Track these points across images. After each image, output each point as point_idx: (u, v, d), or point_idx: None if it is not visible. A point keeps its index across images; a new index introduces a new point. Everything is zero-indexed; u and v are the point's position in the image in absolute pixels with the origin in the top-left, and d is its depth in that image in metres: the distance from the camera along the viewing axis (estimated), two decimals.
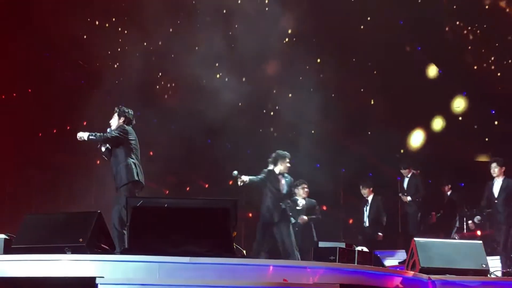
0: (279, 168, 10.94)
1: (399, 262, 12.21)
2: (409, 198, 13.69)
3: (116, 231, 8.75)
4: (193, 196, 14.49)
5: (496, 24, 15.10)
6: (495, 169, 12.10)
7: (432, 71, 15.95)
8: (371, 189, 13.57)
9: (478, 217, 12.90)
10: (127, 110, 9.60)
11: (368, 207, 13.46)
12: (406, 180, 13.92)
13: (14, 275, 6.30)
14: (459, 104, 13.39)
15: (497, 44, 15.27)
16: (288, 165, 10.97)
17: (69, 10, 15.55)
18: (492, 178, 12.20)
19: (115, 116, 9.56)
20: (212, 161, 15.49)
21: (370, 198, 13.54)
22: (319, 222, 12.74)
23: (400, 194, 13.88)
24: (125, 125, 9.41)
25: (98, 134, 9.31)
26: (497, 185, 12.14)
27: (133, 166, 9.16)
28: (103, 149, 9.47)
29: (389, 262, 12.56)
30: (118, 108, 9.65)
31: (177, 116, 14.94)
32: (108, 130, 9.42)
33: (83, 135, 9.30)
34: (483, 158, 15.37)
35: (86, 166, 15.17)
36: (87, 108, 15.15)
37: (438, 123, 15.96)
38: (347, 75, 15.72)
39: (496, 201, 12.05)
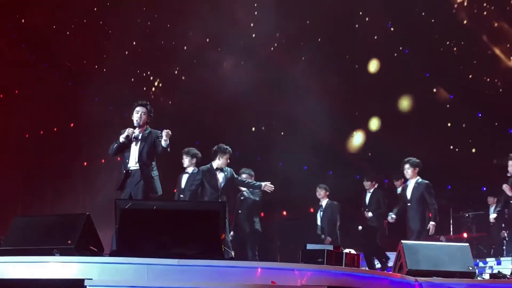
0: (217, 163, 10.64)
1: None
2: (370, 214, 13.15)
3: None
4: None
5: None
6: (408, 170, 11.62)
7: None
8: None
9: (393, 214, 12.00)
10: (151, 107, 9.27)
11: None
12: (369, 194, 13.32)
13: (2, 277, 6.29)
14: None
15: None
16: (228, 160, 10.65)
17: (57, 10, 15.56)
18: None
19: (146, 112, 9.13)
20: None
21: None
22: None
23: (362, 209, 13.33)
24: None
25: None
26: (410, 187, 11.68)
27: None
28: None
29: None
30: (145, 104, 9.19)
31: (166, 116, 14.94)
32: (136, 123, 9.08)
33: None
34: None
35: (73, 167, 15.16)
36: (74, 110, 15.17)
37: None
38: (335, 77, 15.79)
39: (409, 204, 11.62)
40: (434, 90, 15.78)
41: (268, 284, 6.36)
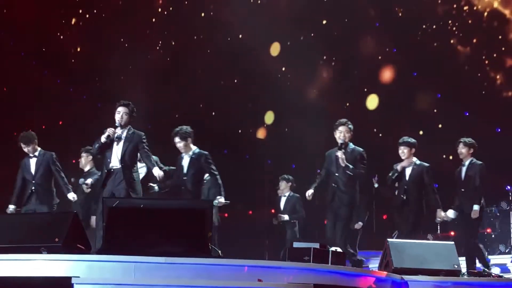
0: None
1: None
2: (286, 217, 12.43)
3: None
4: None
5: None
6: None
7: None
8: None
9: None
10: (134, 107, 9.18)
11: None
12: (284, 198, 12.61)
13: None
14: None
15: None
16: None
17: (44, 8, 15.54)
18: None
19: (128, 113, 9.05)
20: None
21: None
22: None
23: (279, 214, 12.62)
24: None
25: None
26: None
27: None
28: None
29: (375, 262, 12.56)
30: (128, 103, 9.12)
31: (151, 114, 14.94)
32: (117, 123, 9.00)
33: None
34: None
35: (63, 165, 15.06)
36: (61, 107, 15.13)
37: None
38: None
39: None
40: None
41: (255, 282, 6.40)
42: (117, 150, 8.93)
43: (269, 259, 10.90)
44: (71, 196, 10.43)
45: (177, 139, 9.72)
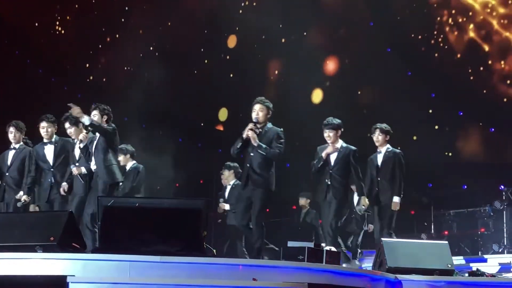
0: None
1: None
2: (227, 206, 11.92)
3: (88, 231, 8.74)
4: (182, 194, 14.38)
5: None
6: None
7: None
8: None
9: None
10: (108, 108, 9.20)
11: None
12: (228, 187, 12.05)
13: None
14: None
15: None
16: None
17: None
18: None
19: (96, 114, 9.11)
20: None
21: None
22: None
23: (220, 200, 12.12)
24: (112, 124, 9.13)
25: (98, 122, 8.89)
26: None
27: (117, 167, 9.08)
28: (81, 145, 9.14)
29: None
30: (98, 105, 9.17)
31: (149, 114, 14.94)
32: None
33: (82, 117, 8.79)
34: None
35: None
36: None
37: None
38: None
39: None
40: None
41: (250, 281, 6.42)
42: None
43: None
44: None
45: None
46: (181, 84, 15.56)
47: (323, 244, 8.36)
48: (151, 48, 16.04)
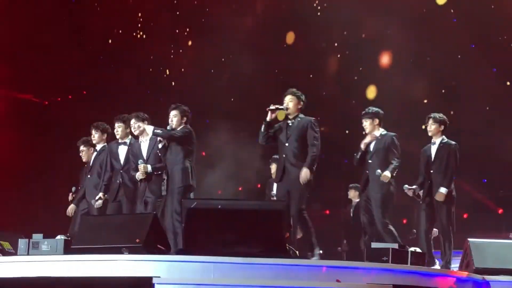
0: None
1: None
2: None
3: (169, 231, 8.78)
4: (245, 196, 14.43)
5: None
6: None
7: None
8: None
9: None
10: (187, 109, 9.23)
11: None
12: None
13: (74, 275, 6.48)
14: None
15: None
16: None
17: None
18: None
19: (177, 115, 9.17)
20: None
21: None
22: None
23: None
24: (188, 126, 9.15)
25: (163, 130, 8.99)
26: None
27: (190, 170, 9.03)
28: (160, 145, 9.18)
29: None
30: (178, 106, 9.23)
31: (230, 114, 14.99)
32: (168, 127, 9.10)
33: (147, 128, 9.08)
34: None
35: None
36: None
37: None
38: None
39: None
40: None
41: (333, 282, 6.39)
42: None
43: (346, 260, 10.83)
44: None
45: None
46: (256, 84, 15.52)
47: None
48: (235, 48, 16.12)
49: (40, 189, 14.82)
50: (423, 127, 9.88)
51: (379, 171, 9.02)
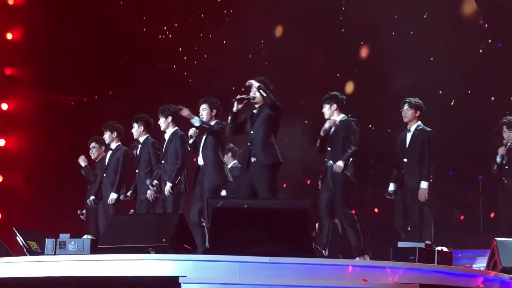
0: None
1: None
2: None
3: (196, 227, 8.75)
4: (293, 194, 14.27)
5: None
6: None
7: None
8: None
9: None
10: (217, 101, 9.02)
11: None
12: None
13: (101, 274, 6.52)
14: None
15: None
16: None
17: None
18: None
19: (205, 108, 8.98)
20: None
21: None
22: None
23: None
24: (222, 122, 8.88)
25: (208, 124, 8.76)
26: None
27: (225, 167, 8.99)
28: (190, 141, 9.01)
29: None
30: (207, 99, 9.03)
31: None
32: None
33: (192, 118, 8.71)
34: None
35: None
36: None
37: None
38: None
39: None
40: None
41: (360, 282, 6.38)
42: None
43: (372, 259, 10.78)
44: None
45: None
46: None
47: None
48: (260, 48, 16.09)
49: (67, 188, 14.90)
50: (401, 111, 9.27)
51: (331, 162, 8.73)
